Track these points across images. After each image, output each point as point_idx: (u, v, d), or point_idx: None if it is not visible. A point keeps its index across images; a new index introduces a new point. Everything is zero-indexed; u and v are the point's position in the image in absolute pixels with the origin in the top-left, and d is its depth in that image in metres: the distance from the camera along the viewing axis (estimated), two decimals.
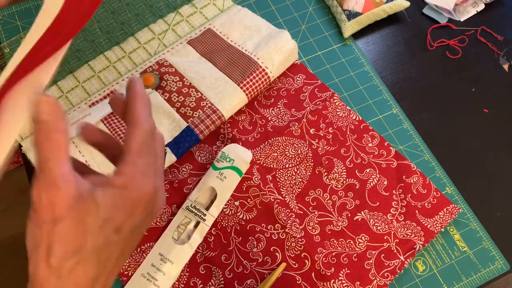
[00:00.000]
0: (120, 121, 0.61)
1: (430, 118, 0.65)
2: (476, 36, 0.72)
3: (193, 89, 0.62)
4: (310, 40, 0.70)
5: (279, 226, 0.56)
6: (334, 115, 0.63)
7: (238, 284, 0.53)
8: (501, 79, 0.68)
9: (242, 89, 0.61)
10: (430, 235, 0.56)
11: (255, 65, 0.62)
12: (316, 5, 0.73)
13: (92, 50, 0.67)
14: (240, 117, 0.63)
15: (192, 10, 0.70)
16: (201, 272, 0.54)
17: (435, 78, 0.68)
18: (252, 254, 0.55)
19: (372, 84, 0.67)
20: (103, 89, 0.63)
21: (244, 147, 0.59)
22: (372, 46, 0.71)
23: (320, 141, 0.61)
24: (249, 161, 0.57)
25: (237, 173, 0.57)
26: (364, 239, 0.55)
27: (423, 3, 0.74)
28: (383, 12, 0.70)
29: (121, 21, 0.70)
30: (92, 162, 0.58)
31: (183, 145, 0.58)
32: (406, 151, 0.62)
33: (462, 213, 0.58)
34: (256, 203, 0.57)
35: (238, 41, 0.66)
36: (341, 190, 0.58)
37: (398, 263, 0.54)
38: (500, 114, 0.66)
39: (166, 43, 0.67)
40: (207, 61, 0.64)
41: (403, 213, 0.57)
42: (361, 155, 0.60)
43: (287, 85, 0.65)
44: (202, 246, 0.55)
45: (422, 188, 0.58)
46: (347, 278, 0.53)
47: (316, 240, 0.55)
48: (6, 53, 0.67)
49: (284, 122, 0.62)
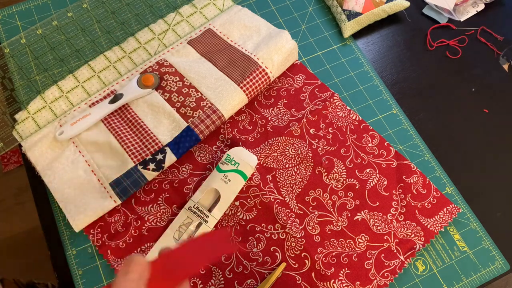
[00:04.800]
0: (120, 121, 0.61)
1: (430, 118, 0.65)
2: (476, 36, 0.72)
3: (193, 89, 0.62)
4: (310, 40, 0.70)
5: (279, 226, 0.56)
6: (334, 115, 0.63)
7: (238, 284, 0.53)
8: (501, 79, 0.68)
9: (242, 89, 0.61)
10: (430, 235, 0.56)
11: (255, 65, 0.62)
12: (316, 5, 0.73)
13: (92, 50, 0.67)
14: (240, 117, 0.63)
15: (192, 10, 0.70)
16: (201, 272, 0.54)
17: (435, 78, 0.68)
18: (252, 254, 0.55)
19: (372, 84, 0.67)
20: (103, 89, 0.63)
21: (249, 151, 0.58)
22: (372, 46, 0.71)
23: (320, 141, 0.61)
24: (255, 165, 0.57)
25: (241, 177, 0.56)
26: (364, 239, 0.55)
27: (423, 3, 0.74)
28: (383, 12, 0.70)
29: (121, 21, 0.70)
30: (92, 162, 0.58)
31: (183, 145, 0.58)
32: (406, 151, 0.62)
33: (462, 213, 0.58)
34: (256, 203, 0.57)
35: (238, 41, 0.66)
36: (341, 190, 0.58)
37: (398, 263, 0.54)
38: (500, 114, 0.66)
39: (166, 43, 0.67)
40: (207, 61, 0.64)
41: (403, 213, 0.57)
42: (361, 155, 0.60)
43: (287, 85, 0.65)
44: None
45: (422, 188, 0.58)
46: (347, 278, 0.53)
47: (316, 240, 0.55)
48: (6, 53, 0.67)
49: (284, 122, 0.62)
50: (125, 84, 0.63)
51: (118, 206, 0.57)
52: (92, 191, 0.56)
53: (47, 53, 0.67)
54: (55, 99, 0.62)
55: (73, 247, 0.55)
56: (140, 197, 0.57)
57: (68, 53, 0.67)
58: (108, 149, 0.58)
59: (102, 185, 0.56)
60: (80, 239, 0.56)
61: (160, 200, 0.57)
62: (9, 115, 0.62)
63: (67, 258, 0.55)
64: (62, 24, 0.69)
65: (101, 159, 0.58)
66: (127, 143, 0.58)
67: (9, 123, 0.62)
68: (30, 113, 0.61)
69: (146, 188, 0.58)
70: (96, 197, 0.55)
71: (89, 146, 0.59)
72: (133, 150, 0.57)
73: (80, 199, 0.55)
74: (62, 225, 0.57)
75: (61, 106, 0.62)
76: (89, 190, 0.56)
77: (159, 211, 0.57)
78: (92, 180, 0.57)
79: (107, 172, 0.57)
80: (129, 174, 0.56)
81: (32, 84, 0.65)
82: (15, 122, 0.61)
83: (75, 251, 0.55)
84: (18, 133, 0.60)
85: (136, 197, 0.57)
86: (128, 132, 0.60)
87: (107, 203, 0.55)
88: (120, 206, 0.57)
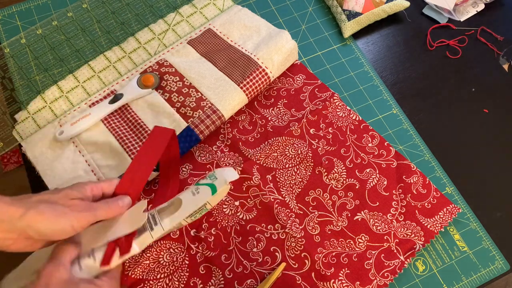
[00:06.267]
0: (120, 121, 0.61)
1: (430, 118, 0.65)
2: (476, 36, 0.72)
3: (193, 89, 0.62)
4: (310, 40, 0.70)
5: (279, 226, 0.56)
6: (334, 115, 0.63)
7: (238, 284, 0.53)
8: (501, 79, 0.68)
9: (242, 89, 0.61)
10: (430, 235, 0.56)
11: (255, 65, 0.62)
12: (316, 5, 0.73)
13: (92, 50, 0.67)
14: (240, 117, 0.63)
15: (192, 10, 0.70)
16: (201, 272, 0.54)
17: (435, 78, 0.68)
18: (252, 254, 0.55)
19: (372, 84, 0.67)
20: (103, 89, 0.63)
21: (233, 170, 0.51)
22: (372, 46, 0.71)
23: (320, 141, 0.61)
24: (229, 181, 0.49)
25: (210, 190, 0.49)
26: (364, 239, 0.55)
27: (423, 3, 0.74)
28: (383, 12, 0.70)
29: (121, 21, 0.70)
30: (92, 162, 0.58)
31: (183, 145, 0.58)
32: (406, 151, 0.62)
33: (462, 213, 0.58)
34: (256, 203, 0.57)
35: (238, 41, 0.66)
36: (341, 190, 0.58)
37: (398, 263, 0.54)
38: (500, 114, 0.66)
39: (166, 43, 0.67)
40: (207, 61, 0.64)
41: (403, 213, 0.57)
42: (361, 155, 0.60)
43: (287, 85, 0.65)
44: (202, 246, 0.55)
45: (422, 188, 0.58)
46: (347, 278, 0.53)
47: (316, 240, 0.55)
48: (6, 53, 0.67)
49: (284, 122, 0.62)
50: (125, 84, 0.63)
51: None
52: None
53: (47, 53, 0.67)
54: (55, 99, 0.62)
55: None
56: (140, 197, 0.57)
57: (68, 53, 0.67)
58: (108, 149, 0.58)
59: None
60: None
61: None
62: (9, 115, 0.62)
63: None
64: (62, 24, 0.69)
65: (101, 159, 0.58)
66: (127, 143, 0.58)
67: (9, 123, 0.62)
68: (30, 113, 0.61)
69: (146, 188, 0.58)
70: None
71: (89, 146, 0.59)
72: (133, 150, 0.57)
73: None
74: None
75: (61, 106, 0.62)
76: None
77: None
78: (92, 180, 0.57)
79: (107, 172, 0.57)
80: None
81: (32, 84, 0.65)
82: (15, 122, 0.61)
83: None
84: (18, 133, 0.60)
85: None
86: (128, 132, 0.60)
87: None
88: None
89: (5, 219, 0.39)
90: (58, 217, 0.40)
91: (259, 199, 0.57)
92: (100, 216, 0.43)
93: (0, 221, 0.39)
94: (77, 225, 0.41)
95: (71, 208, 0.41)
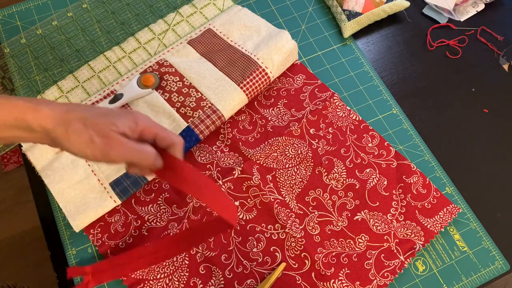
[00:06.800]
0: None
1: (430, 118, 0.65)
2: (476, 36, 0.72)
3: (193, 89, 0.62)
4: (310, 40, 0.70)
5: (279, 226, 0.56)
6: (334, 115, 0.63)
7: (238, 284, 0.53)
8: (501, 79, 0.68)
9: (242, 89, 0.61)
10: (430, 235, 0.56)
11: (255, 65, 0.62)
12: (316, 5, 0.73)
13: (92, 50, 0.67)
14: (240, 117, 0.63)
15: (192, 10, 0.70)
16: (201, 272, 0.54)
17: (435, 78, 0.68)
18: (252, 254, 0.55)
19: (372, 84, 0.67)
20: (103, 89, 0.63)
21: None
22: (372, 46, 0.71)
23: (320, 141, 0.61)
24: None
25: None
26: (364, 239, 0.55)
27: (423, 3, 0.74)
28: (383, 12, 0.70)
29: (121, 21, 0.70)
30: (92, 162, 0.58)
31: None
32: (406, 151, 0.62)
33: (462, 213, 0.58)
34: (256, 203, 0.57)
35: (238, 41, 0.66)
36: (341, 190, 0.58)
37: (398, 263, 0.54)
38: (500, 114, 0.66)
39: (166, 43, 0.67)
40: (207, 61, 0.64)
41: (403, 213, 0.57)
42: (361, 155, 0.60)
43: (287, 85, 0.65)
44: (202, 246, 0.55)
45: (422, 188, 0.58)
46: (347, 278, 0.53)
47: (316, 240, 0.55)
48: (6, 53, 0.67)
49: (284, 122, 0.62)
50: (125, 84, 0.63)
51: (118, 206, 0.57)
52: (92, 191, 0.56)
53: (47, 53, 0.67)
54: (55, 99, 0.62)
55: (73, 247, 0.55)
56: (140, 197, 0.58)
57: (68, 53, 0.67)
58: None
59: (102, 185, 0.56)
60: (80, 239, 0.56)
61: (160, 200, 0.57)
62: None
63: (67, 258, 0.55)
64: (62, 24, 0.69)
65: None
66: None
67: None
68: None
69: (146, 188, 0.58)
70: (96, 197, 0.55)
71: None
72: None
73: (80, 199, 0.55)
74: (62, 225, 0.57)
75: None
76: (89, 190, 0.56)
77: (159, 211, 0.57)
78: (92, 180, 0.57)
79: (107, 172, 0.57)
80: (129, 174, 0.56)
81: (32, 84, 0.65)
82: None
83: (75, 251, 0.55)
84: None
85: (136, 197, 0.57)
86: None
87: (107, 203, 0.55)
88: (120, 206, 0.57)
89: (38, 129, 0.37)
90: (87, 148, 0.37)
91: (259, 199, 0.57)
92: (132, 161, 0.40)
93: (33, 130, 0.37)
94: (102, 160, 0.38)
95: (105, 141, 0.37)
